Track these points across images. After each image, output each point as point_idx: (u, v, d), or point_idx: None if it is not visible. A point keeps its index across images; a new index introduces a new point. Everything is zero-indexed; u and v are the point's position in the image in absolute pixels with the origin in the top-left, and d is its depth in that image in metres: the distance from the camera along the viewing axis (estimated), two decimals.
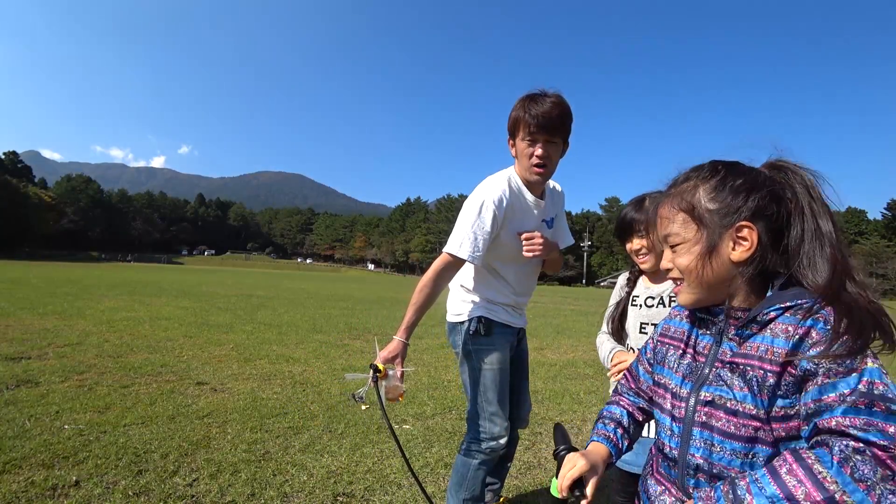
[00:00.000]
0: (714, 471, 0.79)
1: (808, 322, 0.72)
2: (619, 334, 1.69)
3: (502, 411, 1.81)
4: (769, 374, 0.73)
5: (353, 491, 2.32)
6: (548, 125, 1.62)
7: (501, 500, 2.28)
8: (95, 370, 4.27)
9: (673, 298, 1.54)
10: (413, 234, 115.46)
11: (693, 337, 0.90)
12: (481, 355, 1.81)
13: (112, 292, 12.61)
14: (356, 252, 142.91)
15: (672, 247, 0.85)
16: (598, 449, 0.94)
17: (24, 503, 2.02)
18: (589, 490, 0.85)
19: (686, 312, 0.93)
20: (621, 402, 1.03)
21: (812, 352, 0.70)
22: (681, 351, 0.90)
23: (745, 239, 0.78)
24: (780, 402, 0.73)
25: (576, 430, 3.50)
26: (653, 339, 1.01)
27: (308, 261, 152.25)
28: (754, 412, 0.75)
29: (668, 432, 0.87)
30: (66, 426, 2.88)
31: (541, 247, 1.75)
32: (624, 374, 1.07)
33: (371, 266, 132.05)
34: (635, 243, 1.62)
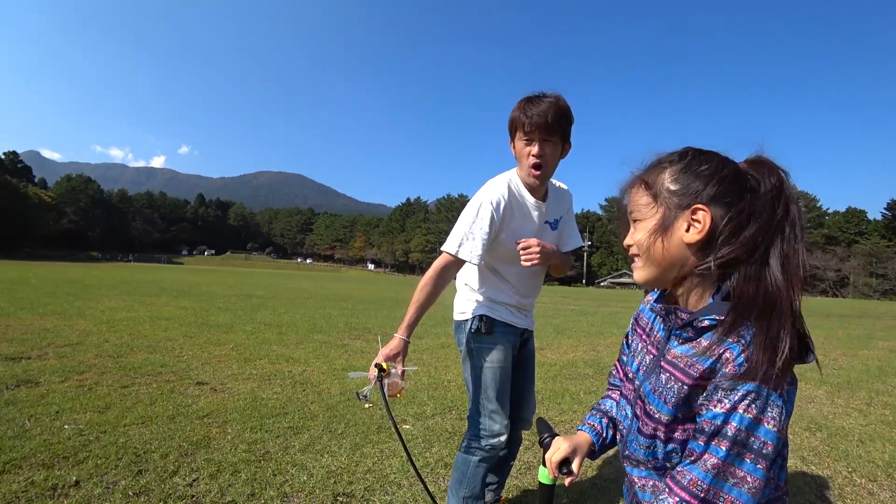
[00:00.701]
0: (631, 456, 0.88)
1: (727, 342, 0.73)
2: None
3: (502, 409, 1.82)
4: (685, 386, 0.77)
5: (353, 491, 2.32)
6: (543, 124, 1.62)
7: (502, 499, 2.28)
8: (95, 370, 4.27)
9: None
10: (413, 234, 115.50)
11: (654, 328, 0.93)
12: (482, 353, 1.83)
13: (112, 292, 12.60)
14: (356, 252, 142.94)
15: (634, 223, 0.88)
16: (582, 435, 1.03)
17: (24, 503, 2.02)
18: (574, 467, 0.95)
19: (653, 301, 0.96)
20: (612, 395, 1.09)
21: (724, 373, 0.72)
22: (643, 340, 0.95)
23: (698, 221, 0.78)
24: (686, 410, 0.78)
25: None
26: (630, 325, 1.05)
27: (308, 261, 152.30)
28: (657, 416, 0.81)
29: (623, 411, 0.97)
30: (66, 426, 2.88)
31: (538, 255, 1.72)
32: (614, 364, 1.13)
33: (371, 266, 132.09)
34: None
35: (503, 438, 1.82)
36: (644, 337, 0.94)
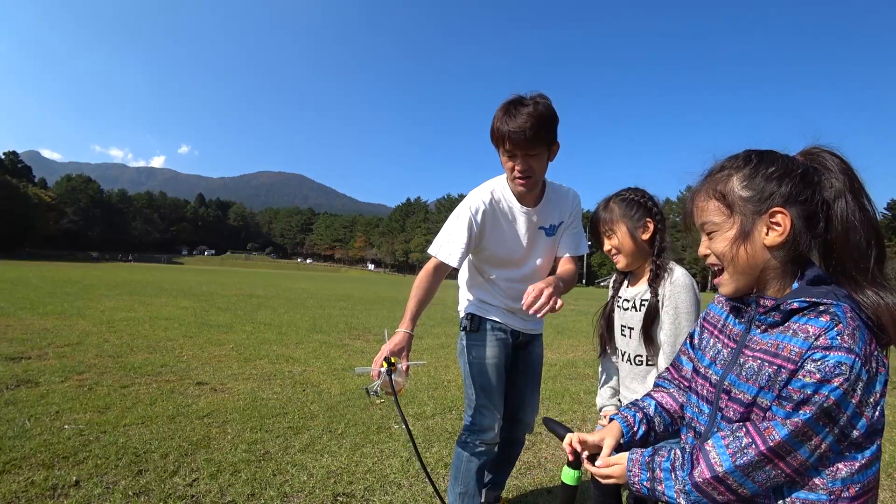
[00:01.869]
0: None
1: (823, 322, 0.74)
2: (607, 336, 1.67)
3: (491, 405, 1.84)
4: (782, 370, 0.76)
5: (353, 491, 2.32)
6: (522, 141, 1.57)
7: (502, 500, 2.28)
8: (95, 370, 4.27)
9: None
10: (413, 234, 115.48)
11: (727, 323, 0.93)
12: (471, 350, 1.88)
13: (112, 292, 12.60)
14: (356, 252, 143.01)
15: (708, 234, 0.88)
16: (611, 427, 1.01)
17: (24, 503, 2.02)
18: (600, 463, 0.95)
19: (725, 299, 0.96)
20: (653, 395, 1.07)
21: (816, 345, 0.73)
22: (714, 336, 0.95)
23: (778, 224, 0.80)
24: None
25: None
26: (698, 323, 1.05)
27: (308, 261, 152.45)
28: (741, 398, 0.81)
29: (696, 409, 0.93)
30: (66, 426, 2.88)
31: (548, 302, 1.44)
32: (667, 368, 1.11)
33: (371, 266, 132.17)
34: (605, 244, 1.63)
35: (493, 434, 1.84)
36: (716, 333, 0.95)
